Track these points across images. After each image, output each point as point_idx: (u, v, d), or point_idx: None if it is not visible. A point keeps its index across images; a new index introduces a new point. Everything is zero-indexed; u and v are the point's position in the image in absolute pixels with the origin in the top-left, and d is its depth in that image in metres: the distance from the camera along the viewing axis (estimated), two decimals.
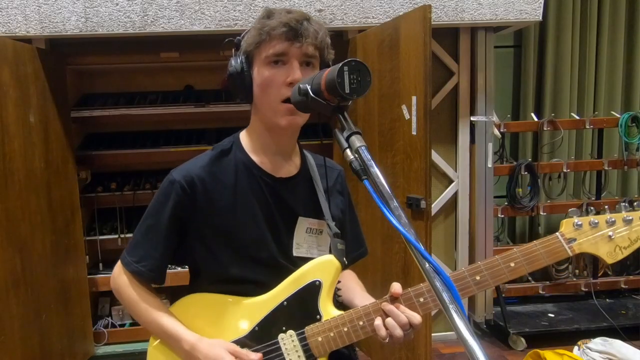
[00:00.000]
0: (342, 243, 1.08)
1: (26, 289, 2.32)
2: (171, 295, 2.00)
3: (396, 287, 0.99)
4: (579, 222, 0.99)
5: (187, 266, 1.16)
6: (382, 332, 0.97)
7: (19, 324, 2.25)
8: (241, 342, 1.06)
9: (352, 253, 1.23)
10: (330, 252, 1.11)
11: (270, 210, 1.09)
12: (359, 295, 1.15)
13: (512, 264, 0.99)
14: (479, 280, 0.98)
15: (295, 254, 1.11)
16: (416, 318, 0.96)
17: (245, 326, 1.07)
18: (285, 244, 1.10)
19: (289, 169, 1.13)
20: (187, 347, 1.03)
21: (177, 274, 2.03)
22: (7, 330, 2.17)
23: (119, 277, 1.11)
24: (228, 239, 1.07)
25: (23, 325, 2.28)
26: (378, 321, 0.98)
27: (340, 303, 1.16)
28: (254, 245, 1.08)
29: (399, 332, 0.96)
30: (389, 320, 0.97)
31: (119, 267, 1.11)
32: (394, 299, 0.99)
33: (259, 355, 1.02)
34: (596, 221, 0.99)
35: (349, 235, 1.22)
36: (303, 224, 1.11)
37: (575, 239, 0.99)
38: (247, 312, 1.08)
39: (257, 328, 1.06)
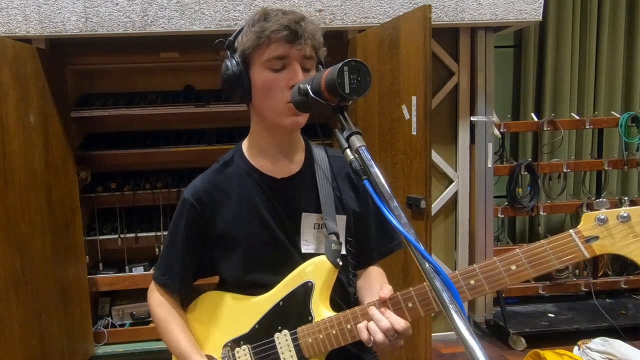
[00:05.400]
0: (337, 243, 1.07)
1: (26, 289, 2.32)
2: None
3: (384, 291, 0.97)
4: (603, 217, 0.79)
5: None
6: (364, 335, 0.95)
7: (19, 324, 2.25)
8: (242, 339, 1.11)
9: (382, 246, 1.20)
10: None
11: (277, 211, 1.10)
12: (370, 296, 1.11)
13: (514, 267, 0.86)
14: (473, 284, 0.88)
15: (304, 250, 1.10)
16: (400, 324, 0.92)
17: (247, 324, 1.11)
18: (296, 243, 1.11)
19: (291, 167, 1.12)
20: None
21: None
22: (7, 330, 2.17)
23: (151, 296, 1.20)
24: (241, 247, 1.10)
25: (23, 325, 2.28)
26: (362, 324, 0.97)
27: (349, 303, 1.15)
28: (266, 248, 1.09)
29: (379, 336, 0.92)
30: (371, 324, 0.95)
31: (151, 284, 1.20)
32: (382, 303, 0.97)
33: None
34: (626, 215, 0.78)
35: (374, 226, 1.18)
36: (308, 220, 1.11)
37: (596, 237, 0.81)
38: (250, 310, 1.11)
39: (257, 326, 1.10)
